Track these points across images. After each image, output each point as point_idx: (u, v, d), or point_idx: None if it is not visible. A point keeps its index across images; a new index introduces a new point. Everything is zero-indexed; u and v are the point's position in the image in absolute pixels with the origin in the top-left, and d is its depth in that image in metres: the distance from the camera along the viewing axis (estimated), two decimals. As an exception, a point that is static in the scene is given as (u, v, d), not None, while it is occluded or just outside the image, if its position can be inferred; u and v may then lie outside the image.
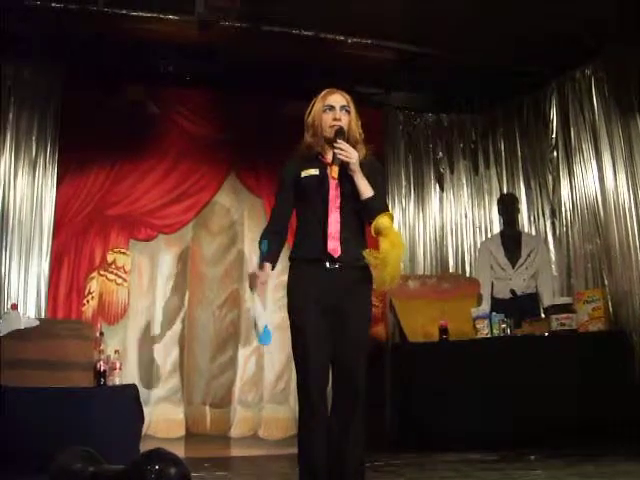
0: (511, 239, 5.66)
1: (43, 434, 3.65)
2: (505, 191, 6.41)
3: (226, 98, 6.09)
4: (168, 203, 5.92)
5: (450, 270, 6.51)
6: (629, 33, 5.02)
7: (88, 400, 4.02)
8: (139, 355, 5.66)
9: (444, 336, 5.18)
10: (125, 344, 5.56)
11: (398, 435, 5.40)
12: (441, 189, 6.70)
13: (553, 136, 6.07)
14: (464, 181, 6.70)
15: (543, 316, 5.36)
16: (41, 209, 5.42)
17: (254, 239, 5.98)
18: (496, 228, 6.37)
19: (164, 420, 5.60)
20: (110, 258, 5.68)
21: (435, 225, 6.63)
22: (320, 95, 2.76)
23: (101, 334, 4.66)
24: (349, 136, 2.70)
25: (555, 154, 6.05)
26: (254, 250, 5.94)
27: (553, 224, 6.06)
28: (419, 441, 4.97)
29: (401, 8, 4.97)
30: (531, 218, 6.25)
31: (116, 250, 5.71)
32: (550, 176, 6.10)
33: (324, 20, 5.12)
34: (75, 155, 5.63)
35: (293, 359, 2.65)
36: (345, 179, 2.66)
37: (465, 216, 6.66)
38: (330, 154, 2.69)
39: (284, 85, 5.90)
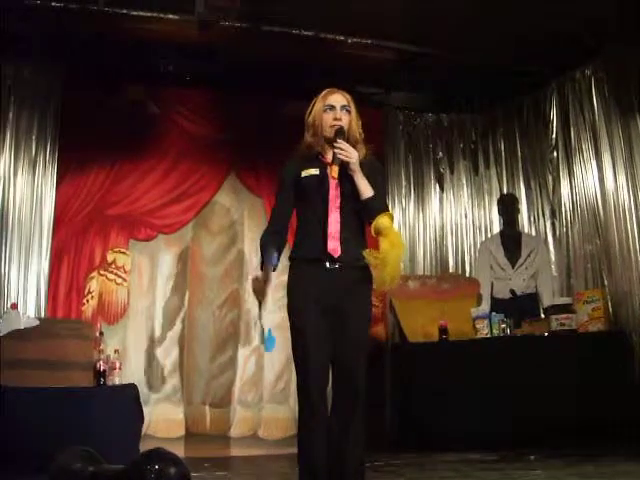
0: (511, 239, 5.67)
1: (43, 434, 3.65)
2: (505, 191, 6.41)
3: (226, 98, 6.09)
4: (168, 203, 5.92)
5: (450, 270, 6.51)
6: (629, 33, 5.03)
7: (88, 400, 4.02)
8: (139, 355, 5.66)
9: (444, 336, 5.18)
10: (125, 344, 5.56)
11: (398, 435, 5.40)
12: (441, 189, 6.69)
13: (553, 136, 6.07)
14: (464, 181, 6.70)
15: (543, 316, 5.36)
16: (41, 208, 5.41)
17: (254, 239, 5.98)
18: (496, 228, 6.37)
19: (164, 420, 5.60)
20: (110, 258, 5.69)
21: (435, 225, 6.63)
22: (321, 95, 2.76)
23: (101, 334, 4.66)
24: (349, 136, 2.69)
25: (555, 154, 6.05)
26: (254, 250, 5.93)
27: (553, 224, 6.06)
28: (419, 441, 4.97)
29: (401, 8, 4.98)
30: (531, 218, 6.25)
31: (116, 250, 5.71)
32: (550, 176, 6.11)
33: (324, 20, 5.12)
34: (75, 155, 5.62)
35: (293, 359, 2.65)
36: (345, 179, 2.65)
37: (465, 216, 6.66)
38: (330, 154, 2.69)
39: (284, 85, 5.90)
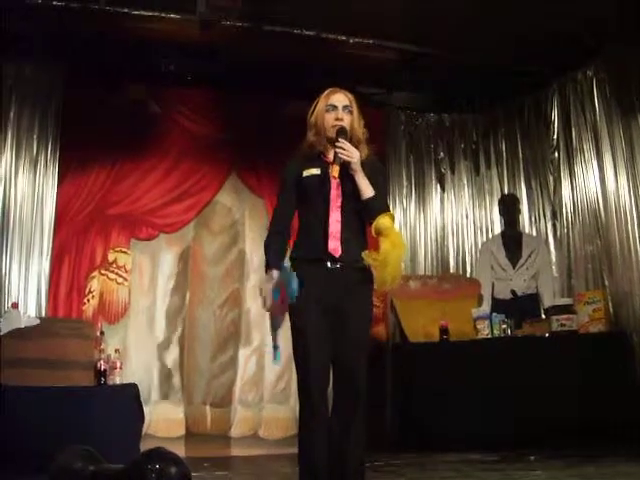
0: (512, 240, 5.66)
1: (43, 433, 3.65)
2: (506, 192, 6.40)
3: (227, 98, 6.09)
4: (169, 202, 5.91)
5: (451, 270, 6.51)
6: (629, 33, 5.03)
7: (88, 399, 4.01)
8: (139, 354, 5.65)
9: (445, 336, 5.18)
10: (125, 343, 5.56)
11: (399, 435, 5.39)
12: (442, 189, 6.69)
13: (554, 137, 6.07)
14: (465, 181, 6.70)
15: (544, 317, 5.36)
16: (42, 208, 5.41)
17: (255, 239, 5.99)
18: (497, 228, 6.37)
19: (164, 419, 5.61)
20: (111, 257, 5.68)
21: (436, 225, 6.63)
22: (323, 94, 2.75)
23: (101, 333, 4.65)
24: (351, 136, 2.68)
25: (556, 155, 6.05)
26: (255, 250, 5.94)
27: (554, 225, 6.06)
28: (419, 441, 4.96)
29: (402, 8, 4.98)
30: (532, 219, 6.25)
31: (117, 249, 5.71)
32: (551, 177, 6.11)
33: (325, 20, 5.13)
34: (76, 154, 5.62)
35: (294, 359, 2.64)
36: (346, 179, 2.64)
37: (466, 216, 6.66)
38: (332, 153, 2.68)
39: (285, 85, 5.91)
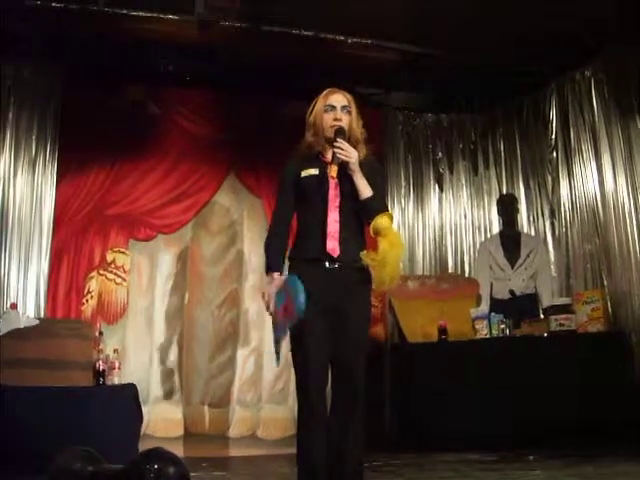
0: (510, 239, 5.67)
1: (42, 433, 3.65)
2: (504, 191, 6.40)
3: (226, 98, 6.09)
4: (168, 203, 5.92)
5: (449, 270, 6.51)
6: (629, 33, 5.03)
7: (87, 399, 4.02)
8: (138, 355, 5.65)
9: (443, 336, 5.18)
10: (124, 344, 5.56)
11: (397, 435, 5.39)
12: (440, 189, 6.70)
13: (553, 137, 6.07)
14: (463, 181, 6.70)
15: (542, 317, 5.36)
16: (41, 208, 5.42)
17: (253, 239, 5.99)
18: (495, 228, 6.37)
19: (163, 420, 5.61)
20: (109, 258, 5.69)
21: (434, 225, 6.63)
22: (322, 94, 2.75)
23: (100, 333, 4.65)
24: (350, 136, 2.69)
25: (555, 155, 6.05)
26: (253, 250, 5.95)
27: (552, 225, 6.06)
28: (418, 441, 4.97)
29: (401, 8, 4.98)
30: (530, 218, 6.25)
31: (115, 250, 5.71)
32: (549, 177, 6.11)
33: (324, 20, 5.13)
34: (75, 155, 5.62)
35: (292, 359, 2.65)
36: (345, 179, 2.65)
37: (464, 216, 6.66)
38: (330, 154, 2.68)
39: (284, 85, 5.90)
